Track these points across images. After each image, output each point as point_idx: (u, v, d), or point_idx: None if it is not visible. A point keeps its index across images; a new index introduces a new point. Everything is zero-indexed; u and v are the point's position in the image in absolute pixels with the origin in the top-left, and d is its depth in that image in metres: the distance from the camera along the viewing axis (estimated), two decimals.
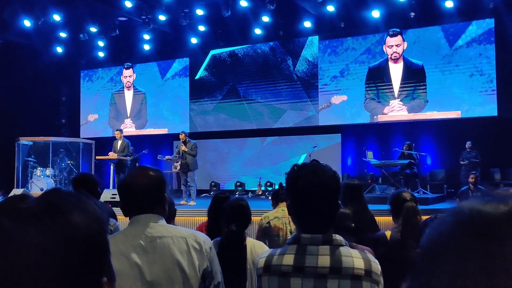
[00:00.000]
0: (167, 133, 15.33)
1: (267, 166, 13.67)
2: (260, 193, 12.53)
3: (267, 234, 4.15)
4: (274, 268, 1.72)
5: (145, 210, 1.91)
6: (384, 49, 12.83)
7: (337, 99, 13.35)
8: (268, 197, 11.96)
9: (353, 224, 3.28)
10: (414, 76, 12.46)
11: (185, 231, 1.97)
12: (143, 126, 15.79)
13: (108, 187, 10.62)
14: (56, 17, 12.59)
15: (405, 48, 12.63)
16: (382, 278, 1.69)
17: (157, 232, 1.88)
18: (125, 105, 16.15)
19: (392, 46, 12.72)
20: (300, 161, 13.08)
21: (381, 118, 12.81)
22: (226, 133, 14.38)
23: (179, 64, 15.36)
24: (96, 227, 0.81)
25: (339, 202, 1.78)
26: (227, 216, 3.21)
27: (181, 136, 10.59)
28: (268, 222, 4.21)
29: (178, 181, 12.33)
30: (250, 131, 14.16)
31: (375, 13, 12.22)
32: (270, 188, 12.62)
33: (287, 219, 4.24)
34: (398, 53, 12.66)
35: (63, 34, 14.02)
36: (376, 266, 1.68)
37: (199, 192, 11.99)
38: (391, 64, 12.79)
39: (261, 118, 14.07)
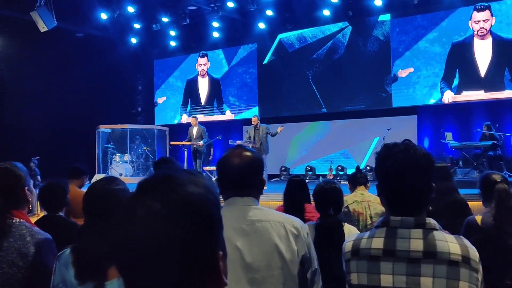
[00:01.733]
0: (233, 119, 15.53)
1: (338, 150, 13.46)
2: (331, 177, 12.36)
3: (346, 219, 4.07)
4: (363, 252, 1.66)
5: (240, 191, 1.88)
6: (470, 25, 12.03)
7: (403, 73, 12.85)
8: (339, 181, 11.80)
9: (430, 208, 3.12)
10: (506, 51, 11.55)
11: (281, 216, 1.93)
12: (219, 113, 16.03)
13: None
14: (130, 9, 13.02)
15: (493, 23, 11.75)
16: (481, 266, 1.59)
17: (255, 215, 1.86)
18: (198, 92, 16.47)
19: (479, 21, 11.87)
20: (373, 145, 12.79)
21: (455, 98, 12.19)
22: (296, 117, 14.29)
23: (247, 50, 15.42)
24: (212, 199, 0.83)
25: (433, 184, 1.69)
26: (322, 200, 3.13)
27: (254, 120, 10.70)
28: (347, 207, 4.14)
29: None
30: (320, 114, 13.99)
31: None
32: (341, 173, 12.42)
33: (367, 203, 4.15)
34: (486, 29, 11.79)
35: (137, 25, 14.50)
36: (474, 252, 1.58)
37: (269, 177, 12.03)
38: (477, 41, 11.97)
39: (331, 101, 13.84)
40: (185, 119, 16.42)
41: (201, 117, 15.74)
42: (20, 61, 12.74)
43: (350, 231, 3.01)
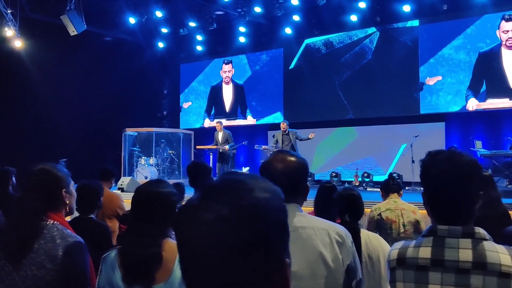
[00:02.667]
0: (255, 123, 15.53)
1: (364, 157, 13.31)
2: (357, 184, 12.25)
3: (379, 226, 4.02)
4: (409, 261, 1.63)
5: (286, 198, 1.83)
6: (497, 34, 11.75)
7: (431, 81, 12.68)
8: (365, 188, 11.69)
9: None
10: None
11: (325, 223, 1.87)
12: (241, 118, 16.05)
13: None
14: (158, 14, 13.15)
15: None
16: None
17: (298, 222, 1.81)
18: (222, 99, 16.51)
19: (508, 31, 11.60)
20: (400, 152, 12.62)
21: (480, 106, 11.94)
22: (321, 122, 14.19)
23: (273, 54, 15.40)
24: (279, 205, 0.81)
25: (480, 192, 1.65)
26: (340, 207, 3.11)
27: (283, 126, 10.74)
28: (380, 214, 4.08)
29: None
30: (346, 120, 13.86)
31: None
32: (367, 179, 12.29)
33: (400, 211, 4.09)
34: None
35: (164, 30, 14.63)
36: None
37: None
38: (504, 51, 11.68)
39: (357, 107, 13.70)
40: (207, 123, 16.48)
41: (224, 122, 15.77)
42: (49, 64, 12.94)
43: (369, 238, 2.97)
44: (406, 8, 12.39)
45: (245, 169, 11.56)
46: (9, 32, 11.69)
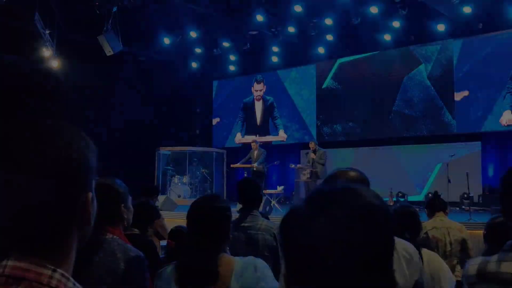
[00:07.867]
0: (285, 141, 15.52)
1: (398, 176, 13.08)
2: (391, 203, 12.05)
3: (424, 245, 3.93)
4: (491, 275, 1.61)
5: None
6: None
7: (458, 96, 12.53)
8: None
9: None
10: None
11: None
12: (274, 133, 16.07)
13: None
14: (193, 34, 13.35)
15: None
16: None
17: None
18: (254, 114, 16.58)
19: None
20: (435, 171, 12.39)
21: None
22: (354, 142, 14.10)
23: (304, 73, 15.44)
24: (391, 212, 0.82)
25: None
26: (398, 224, 3.07)
27: (311, 145, 10.75)
28: (426, 233, 4.02)
29: (306, 189, 12.29)
30: (380, 140, 13.73)
31: None
32: (402, 199, 12.11)
33: (446, 230, 4.03)
34: None
35: (198, 50, 14.84)
36: None
37: None
38: None
39: (391, 126, 13.58)
40: (238, 139, 16.53)
41: (256, 138, 15.70)
42: (84, 83, 13.18)
43: (430, 257, 2.91)
44: (441, 27, 12.28)
45: (279, 188, 11.53)
46: (46, 52, 12.06)
